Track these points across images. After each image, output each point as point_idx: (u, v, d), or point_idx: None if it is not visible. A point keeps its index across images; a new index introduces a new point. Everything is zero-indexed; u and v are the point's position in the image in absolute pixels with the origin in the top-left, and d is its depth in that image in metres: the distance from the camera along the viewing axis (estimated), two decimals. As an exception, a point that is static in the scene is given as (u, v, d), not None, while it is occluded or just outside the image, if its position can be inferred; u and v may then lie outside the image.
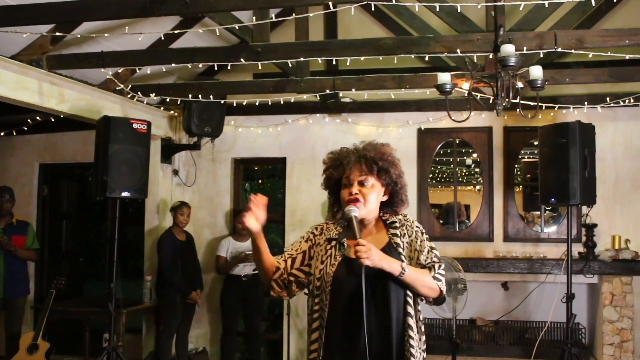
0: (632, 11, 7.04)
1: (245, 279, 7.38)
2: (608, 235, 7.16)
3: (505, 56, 4.53)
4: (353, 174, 2.90)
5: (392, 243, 2.91)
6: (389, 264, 2.75)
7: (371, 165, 2.90)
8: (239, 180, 8.48)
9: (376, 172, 2.91)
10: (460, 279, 6.24)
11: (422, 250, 2.92)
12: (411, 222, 3.00)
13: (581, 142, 6.08)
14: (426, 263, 2.89)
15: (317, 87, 6.76)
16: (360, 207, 2.87)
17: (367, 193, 2.89)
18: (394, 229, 2.96)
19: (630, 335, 6.86)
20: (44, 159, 8.52)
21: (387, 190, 2.97)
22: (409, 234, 2.95)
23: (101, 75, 6.66)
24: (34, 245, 7.26)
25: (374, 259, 2.70)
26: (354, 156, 2.93)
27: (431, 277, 2.85)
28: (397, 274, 2.75)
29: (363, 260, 2.68)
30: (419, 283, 2.82)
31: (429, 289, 2.86)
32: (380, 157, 2.93)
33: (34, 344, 6.39)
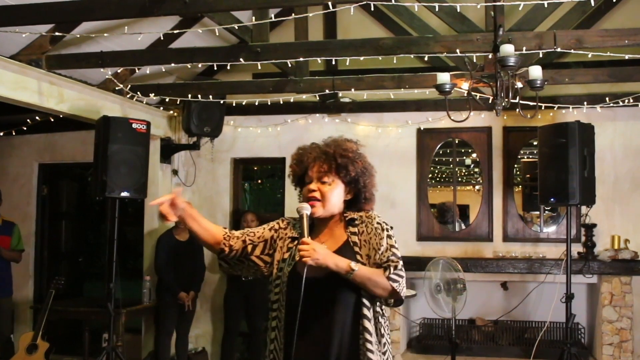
0: (631, 11, 7.04)
1: (244, 280, 7.39)
2: (607, 235, 7.17)
3: (504, 56, 4.53)
4: (313, 170, 2.83)
5: (349, 242, 2.79)
6: (334, 263, 2.64)
7: (330, 162, 2.81)
8: (239, 180, 8.48)
9: (335, 169, 2.81)
10: (460, 279, 6.25)
11: (379, 248, 2.74)
12: (372, 218, 2.83)
13: (580, 142, 6.08)
14: (381, 262, 2.72)
15: (317, 87, 6.77)
16: (318, 205, 2.79)
17: (327, 191, 2.79)
18: (353, 227, 2.82)
19: (630, 335, 6.86)
20: (44, 159, 8.52)
21: (350, 189, 2.86)
22: (368, 231, 2.79)
23: (100, 75, 6.66)
24: (19, 246, 7.23)
25: (317, 257, 2.60)
26: (316, 152, 2.85)
27: (384, 278, 2.68)
28: (344, 273, 2.64)
29: (306, 260, 2.60)
30: (370, 284, 2.68)
31: (383, 289, 2.70)
32: (341, 153, 2.83)
33: (33, 344, 6.40)
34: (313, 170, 2.83)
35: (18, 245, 7.22)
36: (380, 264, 2.73)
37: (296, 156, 2.93)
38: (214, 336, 8.00)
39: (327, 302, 2.71)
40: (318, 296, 2.70)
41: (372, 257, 2.75)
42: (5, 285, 7.17)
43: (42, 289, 8.27)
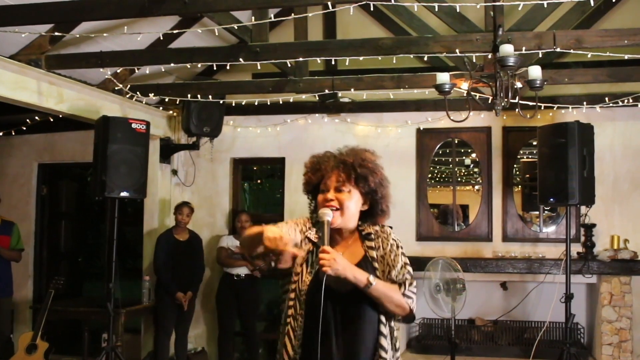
0: (631, 11, 7.04)
1: (237, 279, 7.40)
2: (607, 235, 7.17)
3: (504, 56, 4.53)
4: (330, 179, 2.78)
5: (367, 257, 2.77)
6: (353, 274, 2.60)
7: (349, 171, 2.76)
8: (238, 180, 8.48)
9: (354, 179, 2.77)
10: (459, 279, 6.25)
11: (395, 265, 2.74)
12: (387, 234, 2.83)
13: (580, 142, 6.08)
14: (397, 279, 2.72)
15: (316, 87, 6.77)
16: (337, 214, 2.74)
17: (344, 200, 2.75)
18: (369, 242, 2.80)
19: (629, 335, 6.86)
20: (43, 159, 8.51)
21: (367, 200, 2.82)
22: (384, 247, 2.79)
23: (100, 75, 6.66)
24: (19, 246, 7.24)
25: (337, 267, 2.56)
26: (334, 161, 2.80)
27: (400, 294, 2.69)
28: (362, 286, 2.61)
29: (325, 269, 2.54)
30: (386, 299, 2.66)
31: (397, 306, 2.70)
32: (360, 163, 2.78)
33: (32, 344, 6.39)
34: (331, 179, 2.78)
35: (17, 245, 7.21)
36: (394, 281, 2.73)
37: (311, 164, 2.88)
38: (213, 336, 7.99)
39: (351, 317, 2.69)
40: (343, 311, 2.69)
41: (387, 273, 2.74)
42: (6, 285, 7.17)
43: (41, 289, 8.26)
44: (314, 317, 2.65)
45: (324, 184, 2.80)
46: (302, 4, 6.28)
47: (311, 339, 2.66)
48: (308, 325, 2.69)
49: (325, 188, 2.79)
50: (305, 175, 2.90)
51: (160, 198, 7.81)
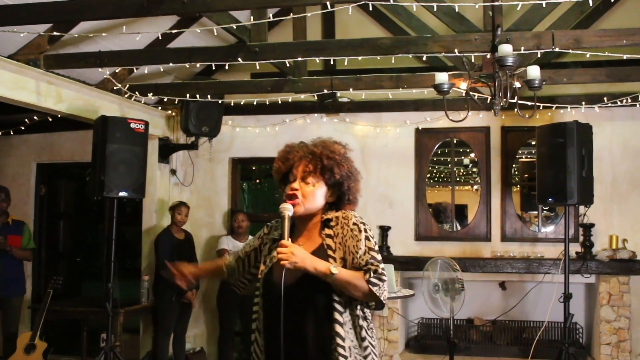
0: (629, 11, 7.04)
1: None
2: (605, 235, 7.17)
3: (502, 56, 4.53)
4: (297, 169, 2.78)
5: (323, 245, 2.73)
6: (313, 265, 2.57)
7: (315, 162, 2.76)
8: (237, 180, 8.48)
9: (319, 169, 2.76)
10: (458, 279, 6.25)
11: (357, 251, 2.67)
12: (348, 219, 2.74)
13: (578, 142, 6.09)
14: (360, 266, 2.65)
15: (315, 87, 6.77)
16: (298, 204, 2.72)
17: (308, 191, 2.74)
18: (328, 229, 2.75)
19: (628, 334, 6.86)
20: (42, 159, 8.51)
21: (334, 191, 2.81)
22: (344, 233, 2.71)
23: (99, 75, 6.65)
24: (30, 245, 7.25)
25: (295, 260, 2.54)
26: (302, 151, 2.80)
27: (364, 281, 2.60)
28: (323, 277, 2.58)
29: (284, 263, 2.54)
30: (350, 287, 2.60)
31: (364, 294, 2.62)
32: (327, 154, 2.77)
33: (31, 344, 6.38)
34: (298, 169, 2.78)
35: (29, 244, 7.24)
36: (359, 268, 2.66)
37: (283, 153, 2.88)
38: (211, 336, 7.99)
39: (299, 306, 2.67)
40: (292, 300, 2.66)
41: (349, 260, 2.68)
42: (19, 285, 7.22)
43: (40, 288, 8.26)
44: (268, 308, 2.74)
45: (291, 173, 2.81)
46: (300, 4, 6.28)
47: (268, 329, 2.73)
48: (268, 318, 2.75)
49: (292, 178, 2.80)
50: (275, 164, 2.89)
51: (159, 198, 7.81)
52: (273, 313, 2.69)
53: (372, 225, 7.72)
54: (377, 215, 7.63)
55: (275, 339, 2.68)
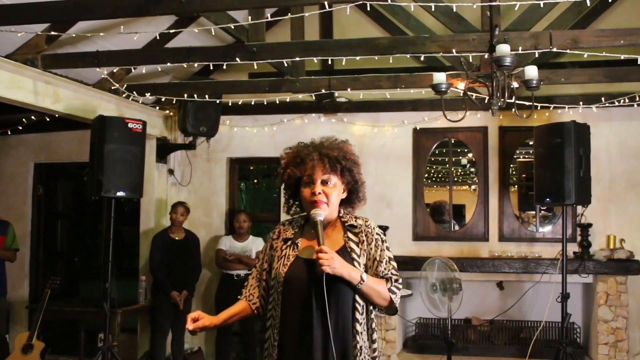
0: (627, 11, 7.05)
1: (237, 279, 7.39)
2: (603, 235, 7.18)
3: (500, 56, 4.53)
4: (316, 172, 2.82)
5: (346, 247, 2.84)
6: (349, 272, 2.71)
7: (334, 164, 2.84)
8: (235, 180, 8.48)
9: (339, 171, 2.85)
10: (456, 279, 6.25)
11: (382, 260, 2.85)
12: (372, 228, 2.92)
13: (576, 142, 6.09)
14: (383, 275, 2.84)
15: (313, 87, 6.77)
16: (324, 208, 2.81)
17: (330, 193, 2.83)
18: (352, 234, 2.89)
19: (625, 334, 6.87)
20: (39, 159, 8.50)
21: (347, 188, 2.92)
22: (369, 242, 2.87)
23: (96, 75, 6.65)
24: (14, 245, 7.22)
25: (335, 267, 2.66)
26: (317, 154, 2.85)
27: (386, 289, 2.82)
28: (355, 284, 2.73)
29: (324, 268, 2.64)
30: (375, 294, 2.79)
31: (384, 299, 2.83)
32: (344, 156, 2.87)
33: (28, 344, 6.38)
34: (316, 172, 2.83)
35: (13, 245, 7.19)
36: (379, 276, 2.83)
37: (291, 157, 2.92)
38: (209, 335, 7.98)
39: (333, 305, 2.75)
40: (317, 299, 2.73)
41: (372, 267, 2.85)
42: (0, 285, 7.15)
43: (37, 288, 8.25)
44: (293, 307, 2.77)
45: (308, 176, 2.85)
46: (298, 4, 6.28)
47: (290, 327, 2.76)
48: (286, 314, 2.78)
49: (310, 181, 2.84)
50: (288, 170, 2.91)
51: (156, 198, 7.80)
52: (293, 309, 2.76)
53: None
54: (375, 215, 7.62)
55: (292, 335, 2.75)
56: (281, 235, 2.96)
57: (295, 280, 2.77)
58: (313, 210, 2.79)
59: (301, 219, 2.98)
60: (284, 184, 2.98)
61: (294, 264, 2.81)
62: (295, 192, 2.94)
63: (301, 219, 2.98)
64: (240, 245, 7.50)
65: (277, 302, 2.81)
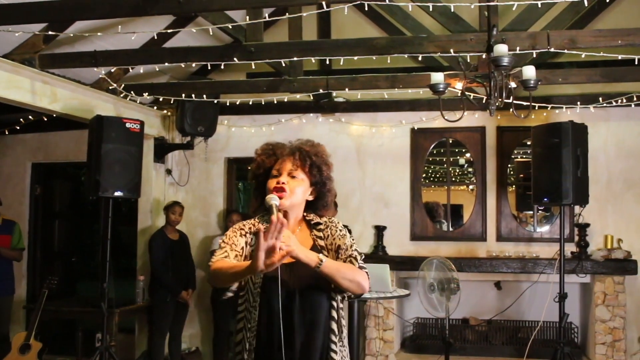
0: (624, 11, 7.07)
1: None
2: (600, 234, 7.19)
3: (498, 56, 4.54)
4: (284, 164, 2.81)
5: (316, 246, 2.80)
6: (305, 254, 2.59)
7: (304, 158, 2.82)
8: (232, 180, 8.48)
9: (308, 166, 2.82)
10: (453, 279, 6.25)
11: (345, 247, 2.78)
12: (335, 224, 2.88)
13: (574, 142, 6.10)
14: (346, 254, 2.76)
15: (311, 87, 6.76)
16: (285, 197, 2.74)
17: (295, 185, 2.78)
18: (318, 231, 2.85)
19: (623, 334, 6.88)
20: (37, 159, 8.49)
21: (314, 190, 2.86)
22: (333, 235, 2.83)
23: (94, 75, 6.64)
24: (20, 245, 7.22)
25: (291, 245, 2.51)
26: (289, 148, 2.86)
27: (353, 268, 2.71)
28: (313, 265, 2.58)
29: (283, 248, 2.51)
30: (339, 275, 2.64)
31: (350, 281, 2.67)
32: (315, 153, 2.85)
33: (26, 344, 6.36)
34: (285, 164, 2.81)
35: (19, 244, 7.21)
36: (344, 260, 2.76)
37: (265, 149, 2.90)
38: (207, 336, 7.99)
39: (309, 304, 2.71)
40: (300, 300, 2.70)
41: (340, 256, 2.78)
42: (8, 284, 7.19)
43: (35, 288, 8.24)
44: (269, 307, 2.69)
45: (276, 169, 2.82)
46: (296, 4, 6.28)
47: (267, 329, 2.70)
48: (263, 316, 2.71)
49: (277, 173, 2.81)
50: (258, 158, 2.89)
51: (154, 198, 7.80)
52: (271, 310, 2.68)
53: (368, 225, 7.73)
54: (373, 215, 7.64)
55: (270, 335, 2.68)
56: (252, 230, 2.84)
57: (273, 282, 2.67)
58: (268, 195, 2.70)
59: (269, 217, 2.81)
60: (254, 177, 2.91)
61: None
62: (262, 188, 2.85)
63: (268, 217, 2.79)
64: (236, 245, 7.48)
65: (251, 304, 2.73)
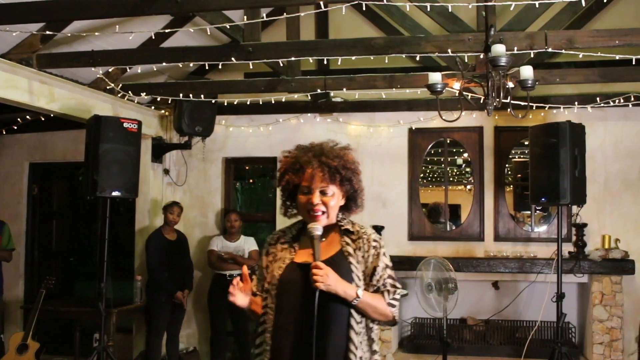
0: (622, 12, 7.07)
1: (230, 279, 7.39)
2: (598, 234, 7.19)
3: (496, 56, 4.54)
4: (314, 182, 2.79)
5: (342, 251, 2.82)
6: (343, 290, 2.68)
7: (334, 174, 2.79)
8: (230, 180, 8.47)
9: (338, 181, 2.82)
10: (451, 279, 6.26)
11: (377, 267, 2.80)
12: (368, 235, 2.87)
13: (571, 142, 6.10)
14: (379, 284, 2.79)
15: (308, 87, 6.76)
16: (322, 220, 2.80)
17: (328, 202, 2.80)
18: (349, 239, 2.86)
19: (620, 334, 6.88)
20: (34, 158, 8.48)
21: (345, 195, 2.90)
22: (365, 248, 2.82)
23: (92, 74, 6.64)
24: (10, 246, 7.21)
25: (329, 283, 2.65)
26: (316, 162, 2.80)
27: (385, 304, 2.77)
28: (350, 300, 2.70)
29: (319, 285, 2.63)
30: (371, 310, 2.75)
31: (380, 315, 2.78)
32: (343, 165, 2.82)
33: (23, 344, 6.37)
34: (315, 181, 2.79)
35: (9, 245, 7.19)
36: (378, 287, 2.79)
37: (290, 163, 2.87)
38: (204, 336, 7.98)
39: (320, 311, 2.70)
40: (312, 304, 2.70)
41: (369, 275, 2.80)
42: None
43: (32, 288, 8.23)
44: (286, 311, 2.74)
45: (306, 186, 2.81)
46: (294, 4, 6.28)
47: (282, 332, 2.74)
48: (280, 318, 2.76)
49: (308, 190, 2.81)
50: (287, 176, 2.87)
51: (152, 198, 7.79)
52: (287, 313, 2.74)
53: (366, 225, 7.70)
54: (371, 215, 7.63)
55: (286, 339, 2.73)
56: (280, 239, 2.94)
57: (290, 284, 2.76)
58: (310, 225, 2.77)
59: (299, 223, 2.96)
60: (281, 188, 2.94)
61: (289, 267, 2.80)
62: (292, 196, 2.91)
63: (300, 223, 2.96)
64: (233, 245, 7.50)
65: (270, 305, 2.80)
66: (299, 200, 2.84)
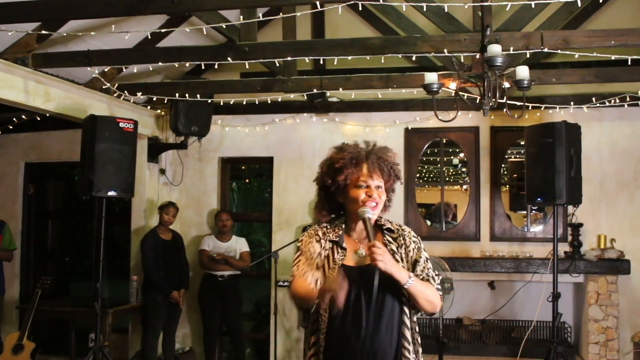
0: (617, 12, 7.08)
1: (221, 279, 7.40)
2: (594, 234, 7.20)
3: (492, 56, 4.54)
4: (372, 177, 2.89)
5: (388, 250, 2.84)
6: (398, 271, 2.73)
7: (389, 173, 2.94)
8: (226, 180, 8.47)
9: (391, 181, 2.97)
10: (447, 278, 6.26)
11: (419, 259, 2.92)
12: (408, 232, 3.00)
13: (567, 142, 6.11)
14: (423, 273, 2.89)
15: (305, 87, 6.77)
16: (377, 209, 2.88)
17: (381, 197, 2.90)
18: (391, 238, 2.95)
19: (616, 334, 6.89)
20: (30, 158, 8.46)
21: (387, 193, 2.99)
22: (407, 244, 2.94)
23: (87, 74, 6.63)
24: (11, 246, 7.21)
25: (387, 262, 2.69)
26: (377, 160, 2.92)
27: (434, 289, 2.87)
28: (403, 283, 2.74)
29: (377, 263, 2.66)
30: (422, 295, 2.81)
31: (429, 302, 2.84)
32: (391, 166, 2.97)
33: (19, 344, 6.35)
34: (373, 177, 2.89)
35: (10, 245, 7.19)
36: (422, 277, 2.88)
37: (348, 159, 2.90)
38: (200, 336, 7.97)
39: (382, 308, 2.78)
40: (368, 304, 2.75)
41: (410, 269, 2.88)
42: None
43: (28, 288, 8.22)
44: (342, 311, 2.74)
45: (363, 179, 2.88)
46: (290, 4, 6.28)
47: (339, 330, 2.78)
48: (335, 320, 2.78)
49: (364, 183, 2.88)
50: (347, 169, 2.89)
51: (148, 197, 7.78)
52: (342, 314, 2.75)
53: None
54: (367, 215, 7.63)
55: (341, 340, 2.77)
56: (320, 236, 2.94)
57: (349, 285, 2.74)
58: (360, 208, 2.83)
59: (340, 222, 2.99)
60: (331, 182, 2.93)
61: (341, 270, 2.78)
62: (331, 194, 2.94)
63: (340, 222, 2.99)
64: (224, 245, 7.50)
65: (324, 307, 2.79)
66: (351, 194, 2.88)
